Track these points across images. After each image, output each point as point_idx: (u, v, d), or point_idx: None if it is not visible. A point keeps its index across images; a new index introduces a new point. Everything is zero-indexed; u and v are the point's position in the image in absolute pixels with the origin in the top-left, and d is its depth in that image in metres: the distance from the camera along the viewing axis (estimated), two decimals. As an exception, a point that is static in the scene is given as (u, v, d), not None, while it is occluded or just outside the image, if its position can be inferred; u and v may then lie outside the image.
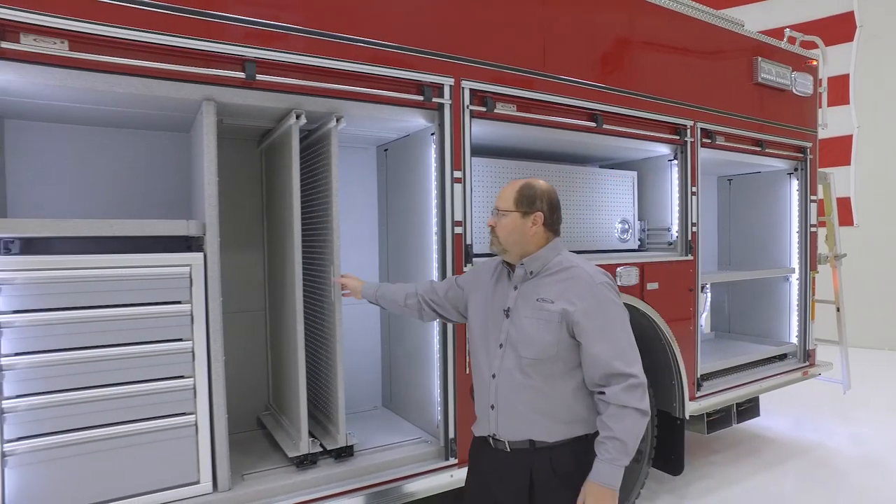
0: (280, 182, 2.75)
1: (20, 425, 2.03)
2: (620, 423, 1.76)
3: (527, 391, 1.87)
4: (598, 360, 1.80)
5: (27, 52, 1.94)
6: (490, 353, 1.96)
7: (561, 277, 1.91)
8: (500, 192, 2.02)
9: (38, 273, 2.03)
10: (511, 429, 1.90)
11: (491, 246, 2.02)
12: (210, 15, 2.21)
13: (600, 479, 1.77)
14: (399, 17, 2.64)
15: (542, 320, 1.86)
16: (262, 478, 2.50)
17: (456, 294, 2.25)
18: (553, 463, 1.86)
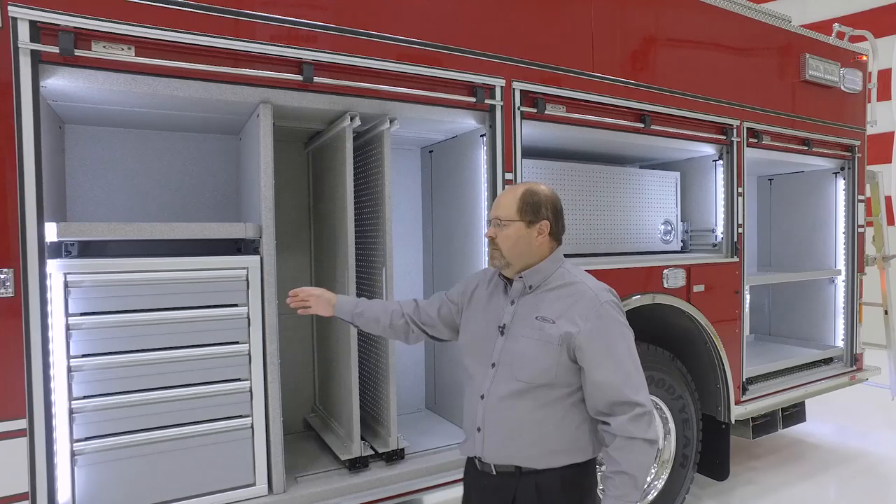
0: (330, 184, 2.75)
1: (88, 425, 2.06)
2: (629, 456, 1.64)
3: (518, 416, 1.72)
4: (602, 387, 1.67)
5: (97, 59, 1.96)
6: (482, 372, 1.79)
7: (562, 294, 1.75)
8: (498, 199, 1.85)
9: (104, 276, 2.06)
10: (497, 453, 1.76)
11: (492, 260, 1.82)
12: (268, 18, 2.21)
13: None
14: (451, 18, 2.63)
15: (541, 341, 1.70)
16: (315, 480, 2.50)
17: (449, 310, 2.02)
18: (539, 491, 1.72)
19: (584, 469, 1.76)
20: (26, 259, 1.88)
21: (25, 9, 1.84)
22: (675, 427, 3.46)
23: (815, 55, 4.03)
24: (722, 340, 3.57)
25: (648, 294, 3.27)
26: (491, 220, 1.82)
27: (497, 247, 1.78)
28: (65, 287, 1.99)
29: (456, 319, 1.99)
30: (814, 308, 4.59)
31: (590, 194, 3.49)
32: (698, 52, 3.55)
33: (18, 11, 1.83)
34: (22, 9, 1.83)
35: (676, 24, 3.46)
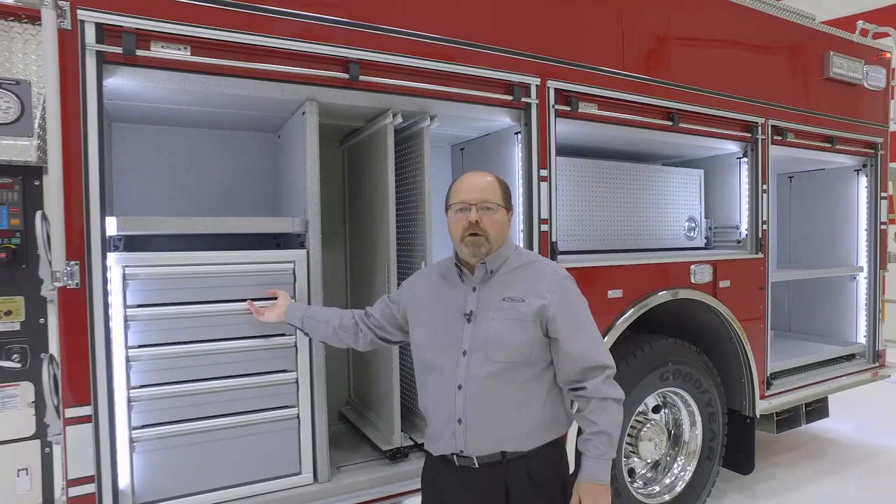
0: (369, 180, 2.80)
1: (144, 413, 2.12)
2: (604, 416, 1.73)
3: (499, 399, 1.74)
4: (575, 356, 1.75)
5: (156, 59, 2.02)
6: (452, 363, 1.77)
7: (523, 273, 1.81)
8: (474, 182, 1.81)
9: (159, 269, 2.12)
10: (481, 442, 1.76)
11: (477, 248, 1.75)
12: (316, 18, 2.27)
13: (593, 477, 1.73)
14: (489, 18, 2.68)
15: (514, 320, 1.74)
16: (357, 470, 2.56)
17: (391, 311, 2.02)
18: (530, 473, 1.76)
19: (561, 444, 1.86)
20: (90, 252, 1.94)
21: (92, 12, 1.90)
22: (702, 420, 3.50)
23: (839, 53, 4.06)
24: (747, 335, 3.61)
25: (671, 290, 3.31)
26: (474, 203, 1.75)
27: (483, 232, 1.75)
28: (123, 279, 2.06)
29: (398, 319, 2.01)
30: (835, 305, 4.62)
31: (617, 191, 3.53)
32: (724, 51, 3.59)
33: (86, 14, 1.89)
34: (89, 12, 1.90)
35: (703, 23, 3.50)
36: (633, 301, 3.14)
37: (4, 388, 2.18)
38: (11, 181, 2.19)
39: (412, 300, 1.96)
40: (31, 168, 2.20)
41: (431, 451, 1.88)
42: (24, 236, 2.20)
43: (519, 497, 1.76)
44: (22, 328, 2.19)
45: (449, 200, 1.84)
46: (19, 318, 2.20)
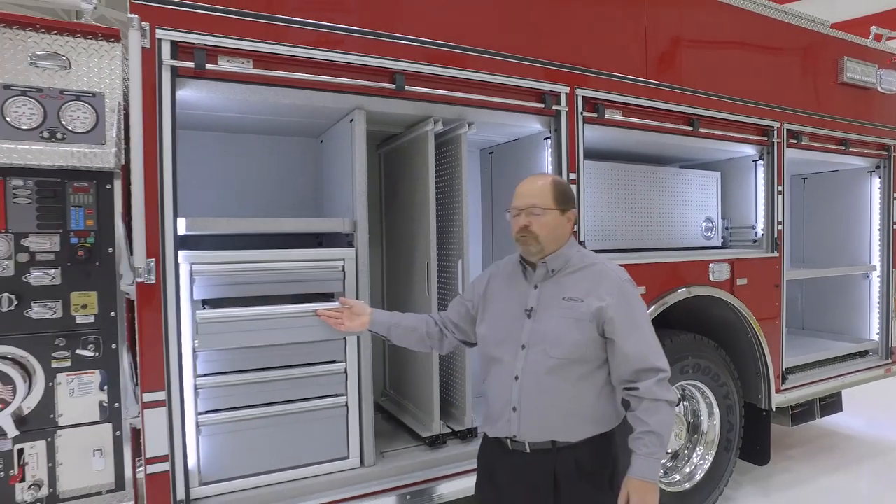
0: (407, 183, 2.97)
1: (209, 400, 2.30)
2: (655, 417, 1.80)
3: (553, 392, 1.84)
4: (630, 357, 1.82)
5: (222, 72, 2.20)
6: (511, 355, 1.89)
7: (584, 275, 1.90)
8: (526, 188, 1.94)
9: (223, 266, 2.30)
10: (534, 430, 1.86)
11: (526, 248, 1.90)
12: (365, 32, 2.44)
13: (642, 475, 1.80)
14: (522, 30, 2.83)
15: (572, 319, 1.83)
16: (399, 455, 2.73)
17: (467, 309, 2.14)
18: (578, 462, 1.85)
19: (610, 438, 1.94)
20: (164, 250, 2.12)
21: (168, 31, 2.08)
22: (720, 412, 3.65)
23: (853, 58, 4.19)
24: (763, 331, 3.76)
25: (691, 287, 3.45)
26: (522, 209, 1.89)
27: (532, 234, 1.87)
28: (190, 276, 2.23)
29: (475, 316, 2.11)
30: (848, 303, 4.75)
31: (639, 193, 3.68)
32: (741, 57, 3.73)
33: (163, 33, 2.07)
34: (166, 31, 2.08)
35: (722, 31, 3.64)
36: (655, 297, 3.30)
37: (81, 375, 2.36)
38: (87, 185, 2.35)
39: (483, 295, 2.06)
40: (104, 173, 2.36)
41: (488, 433, 2.00)
42: (97, 236, 2.38)
43: (566, 483, 1.86)
44: (96, 320, 2.35)
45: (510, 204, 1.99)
46: (93, 311, 2.36)
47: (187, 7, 2.12)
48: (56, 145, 2.24)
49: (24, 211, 2.27)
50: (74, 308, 2.33)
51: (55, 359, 2.30)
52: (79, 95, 2.29)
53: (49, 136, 2.26)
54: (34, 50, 2.24)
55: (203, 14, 2.15)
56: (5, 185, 2.24)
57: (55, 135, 2.26)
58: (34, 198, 2.28)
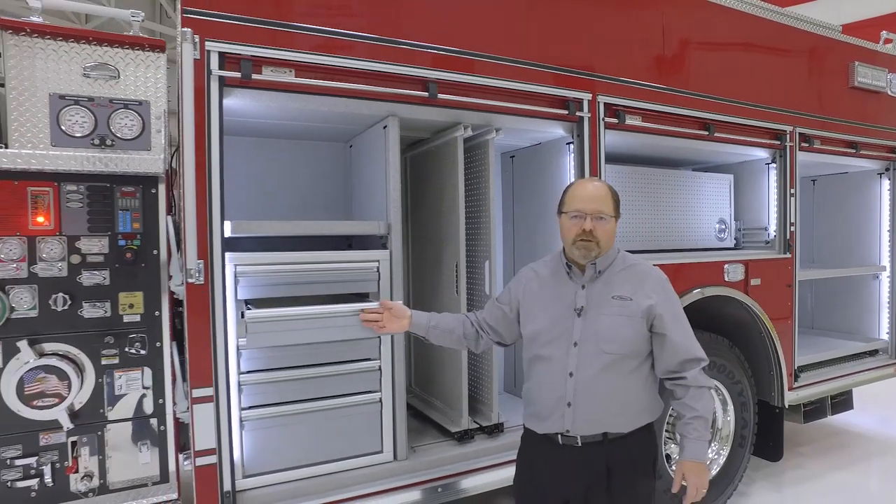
0: (435, 187, 3.06)
1: (251, 395, 2.40)
2: (701, 402, 1.95)
3: (607, 386, 1.93)
4: (678, 349, 1.95)
5: (266, 81, 2.30)
6: (563, 353, 1.97)
7: (629, 275, 2.01)
8: (591, 193, 1.99)
9: (265, 267, 2.40)
10: (588, 423, 1.94)
11: (586, 252, 1.95)
12: (400, 42, 2.54)
13: (696, 457, 1.96)
14: (546, 39, 2.93)
15: (624, 316, 1.93)
16: (429, 450, 2.82)
17: (503, 312, 2.20)
18: (629, 451, 1.96)
19: (652, 426, 2.07)
20: (212, 251, 2.22)
21: (217, 42, 2.18)
22: (734, 409, 3.74)
23: (864, 62, 4.28)
24: (776, 330, 3.85)
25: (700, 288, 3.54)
26: (588, 213, 1.94)
27: (595, 238, 1.94)
28: (234, 276, 2.33)
29: (512, 319, 2.18)
30: (857, 303, 4.84)
31: (654, 195, 3.78)
32: (755, 63, 3.82)
33: (212, 45, 2.17)
34: (214, 43, 2.18)
35: (736, 37, 3.73)
36: (674, 297, 3.39)
37: (128, 371, 2.46)
38: (133, 189, 2.46)
39: (524, 297, 2.13)
40: (149, 178, 2.47)
41: (535, 430, 2.06)
42: (143, 238, 2.48)
43: (619, 471, 1.95)
44: (141, 319, 2.45)
45: (564, 206, 2.02)
46: (139, 310, 2.46)
47: (234, 20, 2.22)
48: (105, 152, 2.35)
49: (76, 214, 2.37)
50: (122, 307, 2.43)
51: (104, 356, 2.41)
52: (126, 104, 2.40)
53: (99, 142, 2.36)
54: (87, 61, 2.34)
55: (248, 26, 2.25)
56: (60, 190, 2.35)
57: (105, 142, 2.37)
58: (85, 202, 2.39)
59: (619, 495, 1.96)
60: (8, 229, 2.27)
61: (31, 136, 2.26)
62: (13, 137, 2.24)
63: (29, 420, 2.28)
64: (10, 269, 2.27)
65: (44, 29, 2.29)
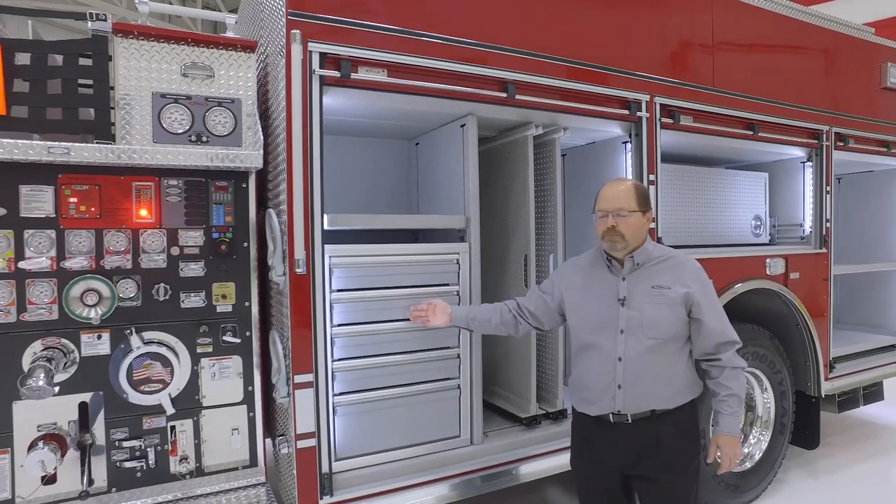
0: (502, 183, 3.17)
1: (343, 382, 2.51)
2: (736, 382, 2.16)
3: (654, 368, 2.12)
4: (714, 332, 2.14)
5: (361, 80, 2.41)
6: (610, 340, 2.15)
7: (666, 266, 2.18)
8: (611, 193, 2.17)
9: (356, 259, 2.51)
10: (637, 403, 2.13)
11: (613, 245, 2.13)
12: (484, 45, 2.65)
13: (730, 430, 2.17)
14: (608, 43, 3.06)
15: (665, 304, 2.11)
16: (500, 434, 2.94)
17: (545, 301, 2.38)
18: (677, 423, 2.16)
19: (695, 403, 2.26)
20: (314, 244, 2.32)
21: (318, 43, 2.29)
22: (774, 398, 3.88)
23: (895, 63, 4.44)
24: (813, 322, 3.99)
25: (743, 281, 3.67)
26: (610, 211, 2.13)
27: (619, 234, 2.11)
28: (329, 268, 2.44)
29: (553, 308, 2.37)
30: (883, 297, 5.00)
31: (697, 193, 3.91)
32: (794, 65, 3.97)
33: (314, 46, 2.28)
34: (316, 44, 2.29)
35: (776, 40, 3.87)
36: (722, 288, 3.53)
37: (221, 360, 2.56)
38: (226, 184, 2.56)
39: (566, 289, 2.31)
40: (240, 173, 2.56)
41: (586, 412, 2.25)
42: (234, 231, 2.58)
43: (668, 441, 2.15)
44: (233, 310, 2.55)
45: (595, 206, 2.22)
46: (231, 301, 2.56)
47: (333, 22, 2.33)
48: (202, 148, 2.45)
49: (175, 208, 2.47)
50: (215, 298, 2.53)
51: (199, 345, 2.51)
52: (220, 102, 2.50)
53: (196, 139, 2.46)
54: (185, 61, 2.44)
55: (345, 28, 2.36)
56: (160, 185, 2.45)
57: (201, 138, 2.47)
58: (182, 196, 2.49)
59: (669, 458, 2.15)
60: (115, 222, 2.37)
61: (136, 132, 2.36)
62: (120, 134, 2.34)
63: (134, 404, 2.38)
64: (117, 261, 2.37)
65: (149, 31, 2.39)
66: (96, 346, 2.35)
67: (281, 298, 2.40)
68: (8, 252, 2.21)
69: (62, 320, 2.28)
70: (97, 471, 2.35)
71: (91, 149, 2.23)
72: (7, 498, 2.20)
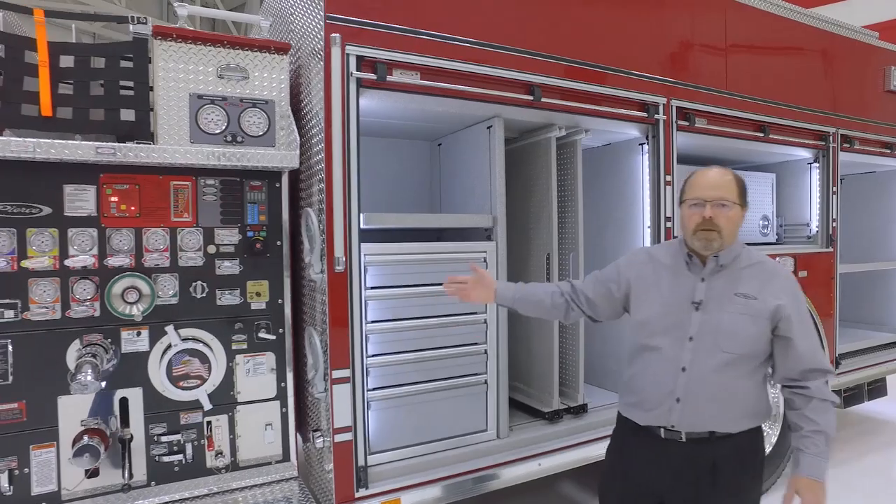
0: (523, 183, 3.25)
1: (376, 378, 2.57)
2: (825, 417, 1.81)
3: (722, 385, 1.83)
4: (803, 356, 1.82)
5: (396, 83, 2.47)
6: (676, 346, 1.88)
7: (755, 272, 1.88)
8: (712, 180, 1.86)
9: (388, 256, 2.57)
10: (695, 420, 1.85)
11: (707, 242, 1.84)
12: (512, 49, 2.72)
13: (813, 474, 1.79)
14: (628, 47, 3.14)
15: (748, 315, 1.81)
16: (524, 429, 3.01)
17: (609, 290, 2.09)
18: (738, 451, 1.86)
19: (761, 430, 1.97)
20: (351, 242, 2.38)
21: (355, 47, 2.35)
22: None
23: (898, 67, 4.57)
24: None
25: None
26: (710, 200, 1.82)
27: (716, 227, 1.81)
28: (363, 265, 2.50)
29: (618, 298, 2.08)
30: (884, 295, 5.12)
31: (708, 193, 4.00)
32: (802, 68, 4.07)
33: (351, 49, 2.34)
34: (353, 47, 2.35)
35: (785, 44, 3.98)
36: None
37: (255, 356, 2.61)
38: (260, 184, 2.61)
39: (636, 281, 2.03)
40: (274, 172, 2.62)
41: (636, 420, 1.97)
42: (268, 229, 2.63)
43: (726, 470, 1.86)
44: (266, 307, 2.60)
45: (684, 195, 1.94)
46: (265, 298, 2.61)
47: (370, 26, 2.40)
48: (238, 148, 2.50)
49: (211, 207, 2.52)
50: (250, 295, 2.59)
51: (234, 341, 2.56)
52: (255, 103, 2.56)
53: (231, 139, 2.52)
54: (221, 63, 2.49)
55: (381, 32, 2.42)
56: (197, 184, 2.50)
57: (236, 138, 2.52)
58: (218, 195, 2.54)
59: (724, 494, 1.88)
60: (154, 221, 2.41)
61: (174, 133, 2.41)
62: (159, 135, 2.39)
63: (172, 400, 2.43)
64: (156, 259, 2.41)
65: (186, 34, 2.44)
66: (136, 343, 2.40)
67: (317, 296, 2.46)
68: (53, 250, 2.25)
69: (104, 317, 2.33)
70: (136, 465, 2.39)
71: (136, 149, 2.28)
72: (54, 490, 2.24)
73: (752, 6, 3.72)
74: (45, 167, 2.23)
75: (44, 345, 2.24)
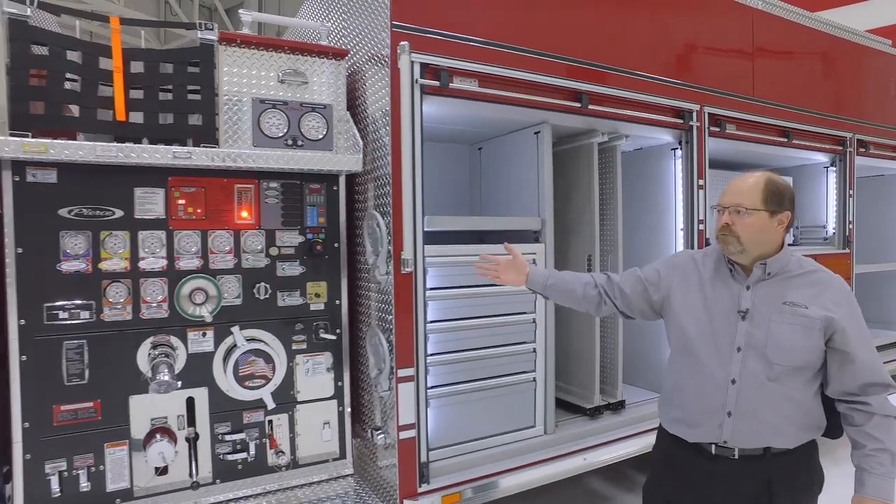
0: (564, 186, 3.33)
1: (435, 376, 2.63)
2: (889, 435, 1.71)
3: (776, 398, 1.74)
4: (861, 370, 1.73)
5: (455, 90, 2.54)
6: (722, 357, 1.80)
7: (805, 281, 1.80)
8: (735, 186, 1.80)
9: (445, 258, 2.64)
10: (749, 436, 1.77)
11: (726, 246, 1.79)
12: (562, 58, 2.81)
13: (879, 495, 1.69)
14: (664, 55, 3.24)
15: (799, 326, 1.73)
16: (569, 424, 3.10)
17: (647, 291, 2.01)
18: (795, 469, 1.78)
19: (816, 444, 1.88)
20: (416, 244, 2.44)
21: (419, 55, 2.41)
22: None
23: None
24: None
25: None
26: (727, 206, 1.78)
27: (734, 234, 1.76)
28: (425, 267, 2.56)
29: (655, 300, 1.99)
30: (889, 295, 5.29)
31: (731, 196, 4.12)
32: (822, 75, 4.21)
33: (416, 57, 2.40)
34: (417, 55, 2.41)
35: (807, 51, 4.11)
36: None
37: (314, 356, 2.66)
38: (319, 187, 2.66)
39: (678, 285, 1.95)
40: (332, 176, 2.67)
41: (684, 437, 1.87)
42: (327, 232, 2.68)
43: (783, 489, 1.77)
44: (325, 308, 2.66)
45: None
46: (323, 299, 2.66)
47: (433, 34, 2.46)
48: (299, 151, 2.55)
49: (272, 210, 2.58)
50: (309, 297, 2.64)
51: (294, 342, 2.61)
52: (314, 107, 2.61)
53: (292, 143, 2.57)
54: (282, 68, 2.54)
55: (443, 40, 2.49)
56: (259, 187, 2.54)
57: (296, 142, 2.58)
58: (279, 198, 2.59)
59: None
60: (219, 223, 2.46)
61: (238, 136, 2.46)
62: (223, 139, 2.43)
63: (235, 400, 2.47)
64: (221, 261, 2.46)
65: (250, 40, 2.49)
66: (202, 344, 2.44)
67: (382, 297, 2.51)
68: (125, 252, 2.29)
69: (172, 318, 2.37)
70: (202, 463, 2.43)
71: (209, 153, 2.32)
72: (126, 487, 2.28)
73: (776, 15, 3.85)
74: (116, 171, 2.27)
75: (117, 345, 2.28)
